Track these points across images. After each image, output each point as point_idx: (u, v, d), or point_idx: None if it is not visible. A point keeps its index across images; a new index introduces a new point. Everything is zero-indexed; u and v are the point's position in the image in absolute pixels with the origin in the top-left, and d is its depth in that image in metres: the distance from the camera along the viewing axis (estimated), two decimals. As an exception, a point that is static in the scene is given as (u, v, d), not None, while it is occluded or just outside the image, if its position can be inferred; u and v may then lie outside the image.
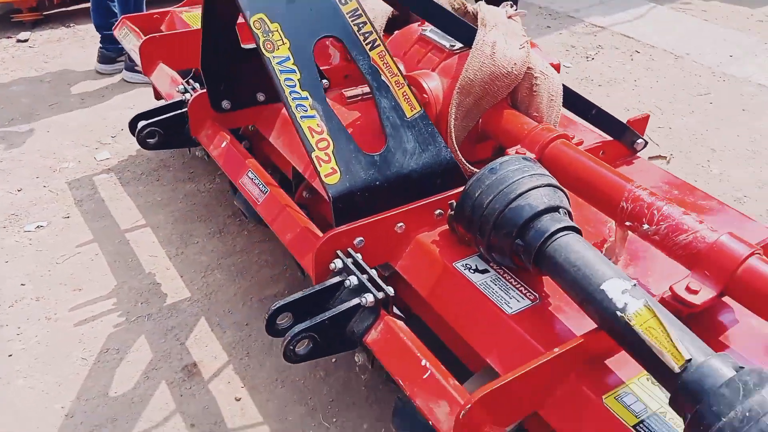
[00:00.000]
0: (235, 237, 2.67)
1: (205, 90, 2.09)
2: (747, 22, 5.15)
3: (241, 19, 1.78)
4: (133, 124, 2.17)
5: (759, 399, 0.99)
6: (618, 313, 1.22)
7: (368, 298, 1.44)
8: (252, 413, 1.98)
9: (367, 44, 1.55)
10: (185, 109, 2.14)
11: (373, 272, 1.50)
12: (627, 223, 1.53)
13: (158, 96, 2.88)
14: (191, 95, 2.15)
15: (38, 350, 2.13)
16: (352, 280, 1.49)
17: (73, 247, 2.56)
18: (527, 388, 1.25)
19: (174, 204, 2.84)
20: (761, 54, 4.57)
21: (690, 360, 1.11)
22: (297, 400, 2.02)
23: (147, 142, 2.14)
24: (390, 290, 1.47)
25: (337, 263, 1.53)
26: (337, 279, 1.51)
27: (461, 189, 1.54)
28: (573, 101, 1.93)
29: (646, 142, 2.07)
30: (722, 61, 4.43)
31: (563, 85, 1.89)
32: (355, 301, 1.45)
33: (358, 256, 1.54)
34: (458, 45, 1.87)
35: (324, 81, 2.11)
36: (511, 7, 1.95)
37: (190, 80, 2.32)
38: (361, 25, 1.55)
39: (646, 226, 1.48)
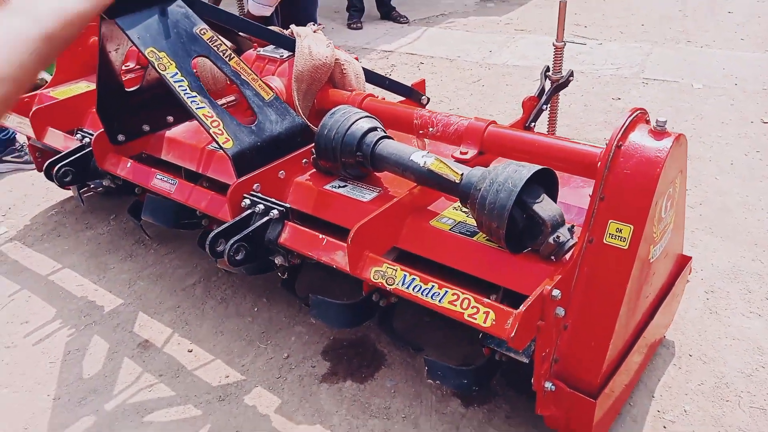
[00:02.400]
0: (144, 257, 3.21)
1: (102, 130, 2.69)
2: (497, 26, 6.62)
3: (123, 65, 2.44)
4: (47, 171, 2.70)
5: (494, 173, 1.87)
6: (422, 167, 2.06)
7: (275, 213, 2.16)
8: (204, 356, 2.56)
9: (225, 57, 2.31)
10: (89, 149, 2.72)
11: (272, 199, 2.22)
12: (420, 132, 2.41)
13: (39, 168, 3.38)
14: (90, 138, 2.74)
15: (9, 369, 2.53)
16: (260, 207, 2.20)
17: (5, 297, 2.95)
18: (383, 226, 2.04)
19: (81, 248, 3.31)
20: (511, 45, 5.96)
21: (463, 174, 1.97)
22: (236, 339, 2.63)
23: (63, 180, 2.68)
24: (287, 205, 2.20)
25: (246, 201, 2.23)
26: (249, 211, 2.21)
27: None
28: (373, 78, 2.84)
29: (429, 99, 3.02)
30: (485, 56, 5.74)
31: (363, 67, 2.77)
32: (266, 217, 2.16)
33: (259, 194, 2.25)
34: (286, 54, 2.68)
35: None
36: (314, 25, 2.82)
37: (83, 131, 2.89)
38: (218, 46, 2.30)
39: (431, 129, 2.37)
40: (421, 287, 1.85)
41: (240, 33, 2.83)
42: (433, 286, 1.83)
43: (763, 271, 2.86)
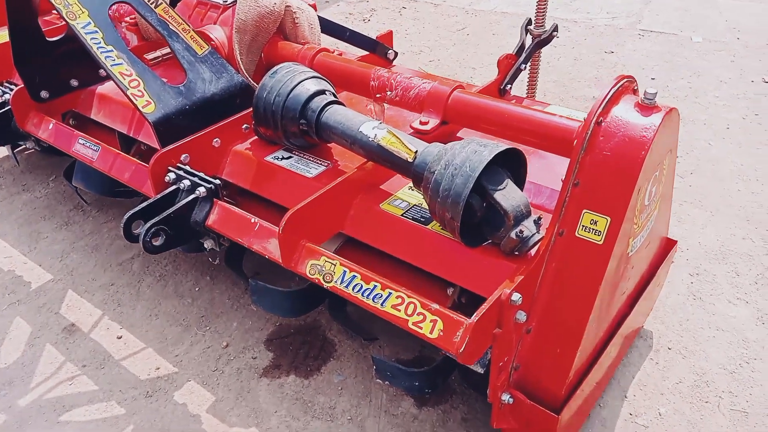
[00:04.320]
0: (81, 224, 2.92)
1: (23, 85, 2.35)
2: (487, -31, 6.14)
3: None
4: (-42, 131, 2.38)
5: (451, 152, 1.58)
6: (372, 140, 1.76)
7: (201, 190, 1.87)
8: (134, 344, 2.30)
9: (151, 3, 1.97)
10: (8, 107, 2.38)
11: (201, 173, 1.92)
12: (378, 96, 2.09)
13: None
14: (10, 94, 2.40)
15: None
16: (185, 183, 1.90)
17: None
18: (326, 209, 1.76)
19: (14, 213, 3.01)
20: (500, -9, 5.54)
21: (417, 151, 1.68)
22: (172, 323, 2.37)
23: (-23, 143, 2.36)
24: (217, 181, 1.90)
25: (171, 176, 1.93)
26: (173, 187, 1.91)
27: (255, 101, 2.01)
28: (330, 28, 2.48)
29: (396, 53, 2.68)
30: (472, 1, 5.32)
31: (319, 16, 2.43)
32: (192, 195, 1.87)
33: (186, 167, 1.95)
34: (230, 0, 2.33)
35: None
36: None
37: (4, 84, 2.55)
38: (142, -10, 1.97)
39: (389, 93, 2.06)
40: (362, 287, 1.58)
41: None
42: (375, 286, 1.57)
43: (753, 251, 2.62)
